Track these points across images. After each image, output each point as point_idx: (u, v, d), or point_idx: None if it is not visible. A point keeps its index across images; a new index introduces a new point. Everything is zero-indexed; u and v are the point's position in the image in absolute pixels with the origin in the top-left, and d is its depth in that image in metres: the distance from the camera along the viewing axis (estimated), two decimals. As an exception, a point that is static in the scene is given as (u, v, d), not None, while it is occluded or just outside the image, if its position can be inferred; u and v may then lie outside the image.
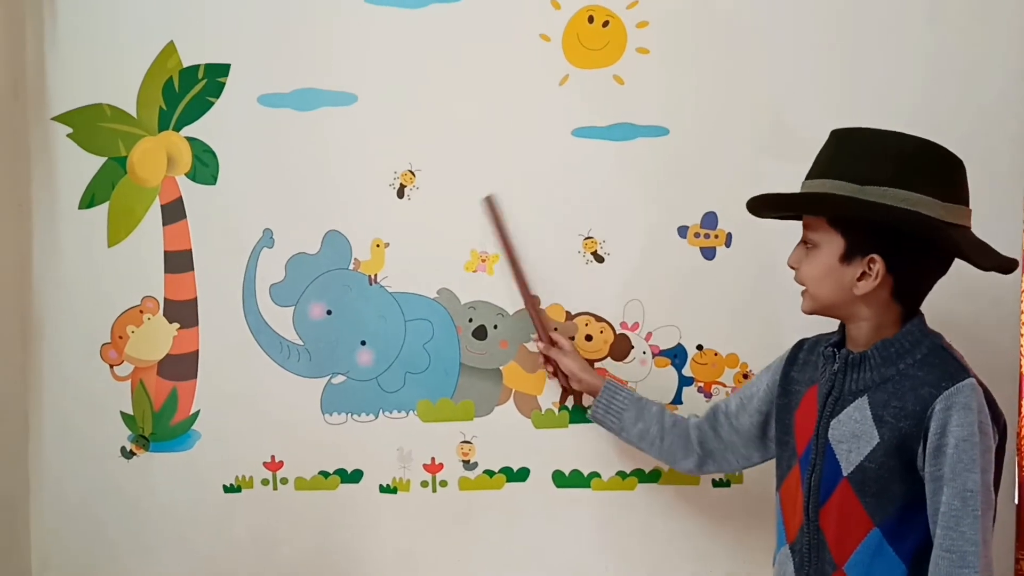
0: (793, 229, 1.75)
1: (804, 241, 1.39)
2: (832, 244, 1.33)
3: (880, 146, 1.30)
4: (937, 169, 1.29)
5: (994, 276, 1.37)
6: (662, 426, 1.63)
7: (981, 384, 1.28)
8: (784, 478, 1.44)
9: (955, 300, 1.49)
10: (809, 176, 1.36)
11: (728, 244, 1.79)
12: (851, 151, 1.32)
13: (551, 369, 1.78)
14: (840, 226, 1.32)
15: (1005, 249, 1.35)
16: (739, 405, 1.57)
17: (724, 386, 1.82)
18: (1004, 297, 1.75)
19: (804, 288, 1.39)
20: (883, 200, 1.25)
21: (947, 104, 1.74)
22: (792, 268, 1.41)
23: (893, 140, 1.31)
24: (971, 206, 1.32)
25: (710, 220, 1.79)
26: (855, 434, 1.31)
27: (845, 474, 1.32)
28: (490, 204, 1.78)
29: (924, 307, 1.37)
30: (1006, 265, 1.31)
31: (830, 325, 1.77)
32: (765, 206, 1.44)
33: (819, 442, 1.36)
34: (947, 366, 1.29)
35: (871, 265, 1.30)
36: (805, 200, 1.36)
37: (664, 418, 1.64)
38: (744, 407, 1.56)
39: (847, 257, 1.32)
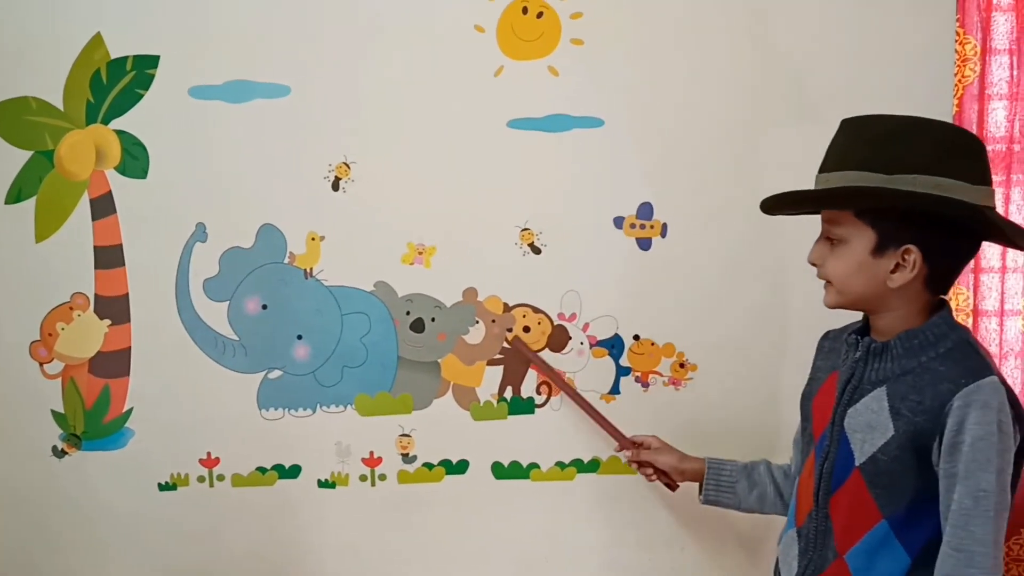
0: (728, 218, 1.79)
1: (827, 236, 1.32)
2: (862, 238, 1.26)
3: (901, 132, 1.24)
4: (963, 152, 1.24)
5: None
6: (775, 483, 1.57)
7: (1004, 383, 1.23)
8: (803, 464, 1.42)
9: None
10: (825, 168, 1.30)
11: (664, 234, 1.80)
12: (869, 139, 1.26)
13: (649, 472, 1.70)
14: (870, 218, 1.25)
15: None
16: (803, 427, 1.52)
17: (661, 375, 1.83)
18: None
19: (828, 282, 1.33)
20: (914, 188, 1.20)
21: (875, 91, 1.75)
22: (814, 265, 1.34)
23: (913, 125, 1.25)
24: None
25: (646, 211, 1.80)
26: (870, 425, 1.27)
27: (857, 464, 1.29)
28: (519, 345, 1.79)
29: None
30: None
31: (761, 314, 1.81)
32: (786, 204, 1.36)
33: (834, 430, 1.33)
34: (969, 362, 1.24)
35: (906, 256, 1.25)
36: (834, 195, 1.27)
37: (775, 474, 1.58)
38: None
39: (879, 250, 1.26)
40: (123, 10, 1.76)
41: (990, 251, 1.97)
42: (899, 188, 1.21)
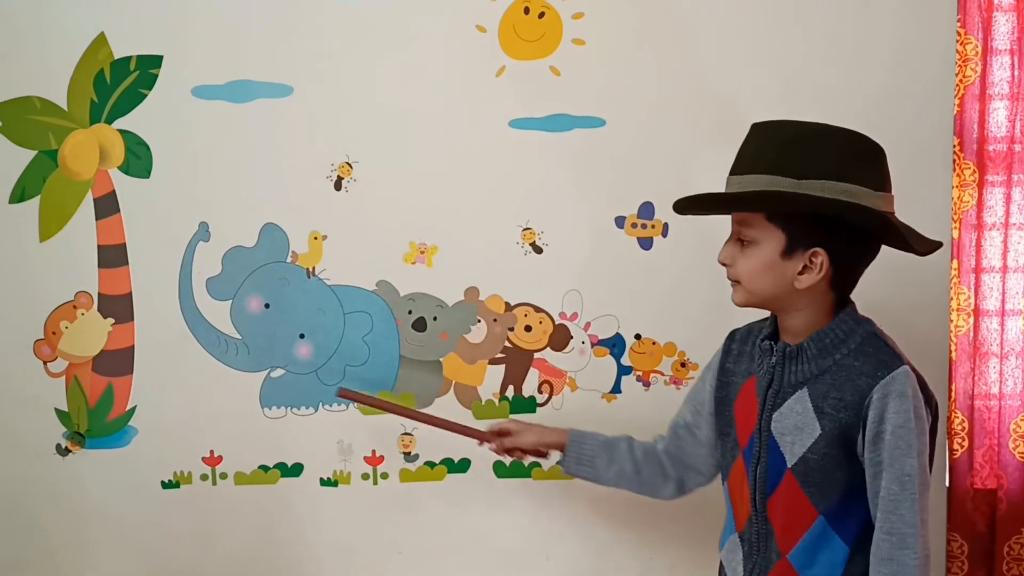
0: (729, 217, 1.78)
1: (738, 237, 1.35)
2: (772, 240, 1.30)
3: (811, 138, 1.29)
4: (868, 159, 1.30)
5: (922, 263, 1.42)
6: (635, 461, 1.58)
7: (913, 369, 1.30)
8: (729, 468, 1.45)
9: (886, 287, 1.51)
10: (736, 171, 1.33)
11: (665, 234, 1.81)
12: (780, 145, 1.29)
13: (519, 455, 1.69)
14: (780, 221, 1.29)
15: (934, 234, 1.38)
16: (694, 413, 1.55)
17: (662, 375, 1.83)
18: (932, 282, 1.79)
19: (737, 282, 1.36)
20: (823, 193, 1.25)
21: (877, 91, 1.76)
22: (724, 264, 1.37)
23: (820, 131, 1.30)
24: (898, 192, 1.33)
25: (647, 210, 1.80)
26: (798, 426, 1.32)
27: (789, 466, 1.33)
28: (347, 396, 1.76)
29: (857, 294, 1.38)
30: (936, 247, 1.36)
31: (762, 314, 1.81)
32: (698, 205, 1.39)
33: (762, 435, 1.36)
34: (881, 355, 1.30)
35: (813, 259, 1.29)
36: (748, 199, 1.31)
37: (635, 452, 1.59)
38: (699, 414, 1.54)
39: (788, 252, 1.30)
40: (127, 10, 1.77)
41: (991, 251, 1.97)
42: (810, 193, 1.26)
